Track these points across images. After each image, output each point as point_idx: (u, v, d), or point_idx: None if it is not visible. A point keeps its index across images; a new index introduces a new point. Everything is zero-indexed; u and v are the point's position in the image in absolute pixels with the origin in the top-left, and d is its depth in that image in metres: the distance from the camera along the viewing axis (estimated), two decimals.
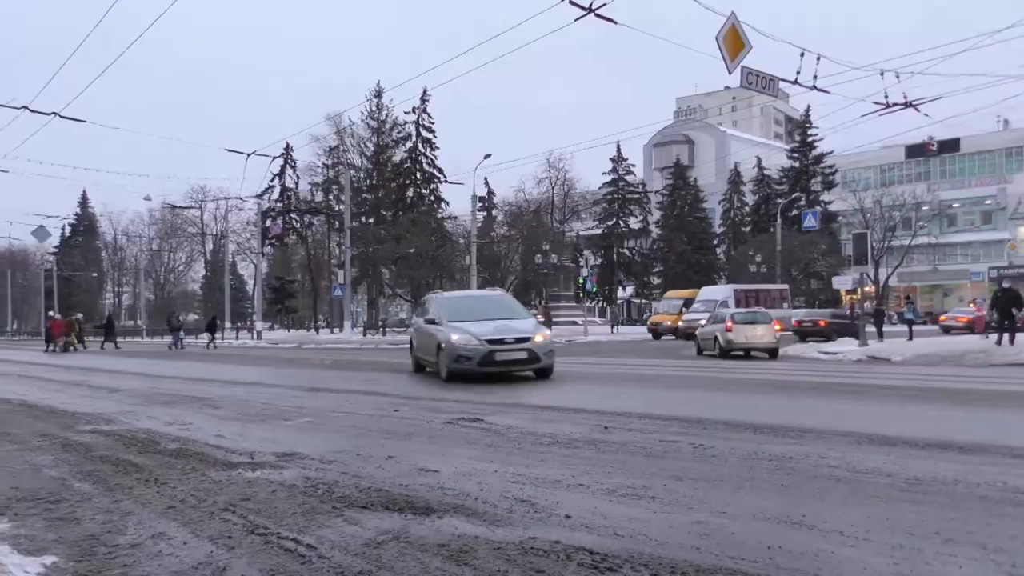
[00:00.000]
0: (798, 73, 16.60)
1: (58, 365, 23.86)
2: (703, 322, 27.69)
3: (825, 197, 62.59)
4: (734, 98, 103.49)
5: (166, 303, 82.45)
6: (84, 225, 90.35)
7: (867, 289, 26.20)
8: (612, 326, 52.80)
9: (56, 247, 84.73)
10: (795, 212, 57.90)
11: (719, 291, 35.30)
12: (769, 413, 8.95)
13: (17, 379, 17.81)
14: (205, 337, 40.31)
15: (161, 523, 4.43)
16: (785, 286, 43.48)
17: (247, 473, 5.77)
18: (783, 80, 16.84)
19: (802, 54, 16.40)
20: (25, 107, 19.91)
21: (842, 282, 38.33)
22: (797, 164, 65.18)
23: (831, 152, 62.22)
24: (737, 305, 33.77)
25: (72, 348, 36.11)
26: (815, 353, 21.98)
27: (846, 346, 22.83)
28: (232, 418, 9.24)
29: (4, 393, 13.63)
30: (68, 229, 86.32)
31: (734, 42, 14.68)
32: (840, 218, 60.74)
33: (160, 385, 14.79)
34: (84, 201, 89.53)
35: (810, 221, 47.95)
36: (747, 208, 72.30)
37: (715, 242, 72.64)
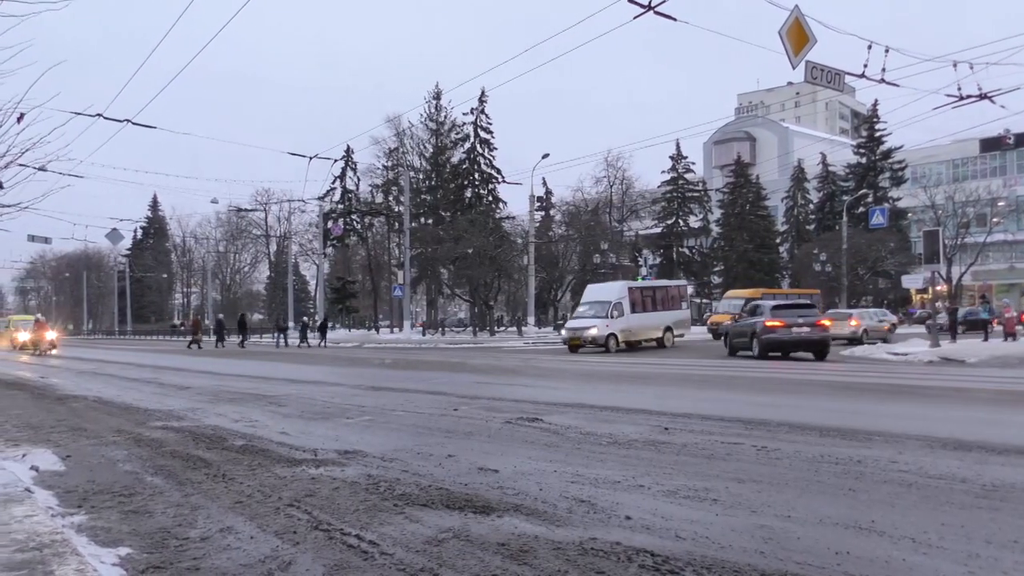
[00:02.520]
0: (865, 66, 16.13)
1: (139, 364, 24.72)
2: (594, 331, 27.00)
3: (894, 193, 60.79)
4: (797, 93, 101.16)
5: (232, 303, 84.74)
6: (155, 228, 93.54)
7: (939, 288, 25.19)
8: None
9: (128, 249, 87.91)
10: (862, 209, 56.39)
11: (610, 290, 30.00)
12: (835, 415, 8.72)
13: (92, 376, 18.52)
14: (315, 337, 41.42)
15: (229, 517, 4.55)
16: (683, 282, 38.38)
17: (310, 470, 5.88)
18: (849, 74, 16.37)
19: (869, 46, 15.93)
20: (100, 115, 20.65)
21: (912, 281, 37.17)
22: (864, 160, 63.41)
23: (900, 147, 60.37)
24: (632, 307, 28.58)
25: (197, 346, 37.53)
26: (884, 354, 21.34)
27: (917, 347, 22.11)
28: (295, 416, 9.43)
29: (81, 390, 14.19)
30: (139, 232, 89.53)
31: (798, 36, 14.33)
32: (910, 215, 58.91)
33: (227, 383, 15.19)
34: (155, 204, 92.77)
35: (878, 218, 46.54)
36: (811, 206, 70.67)
37: (777, 241, 71.16)
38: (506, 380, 14.83)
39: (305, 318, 45.74)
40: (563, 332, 30.75)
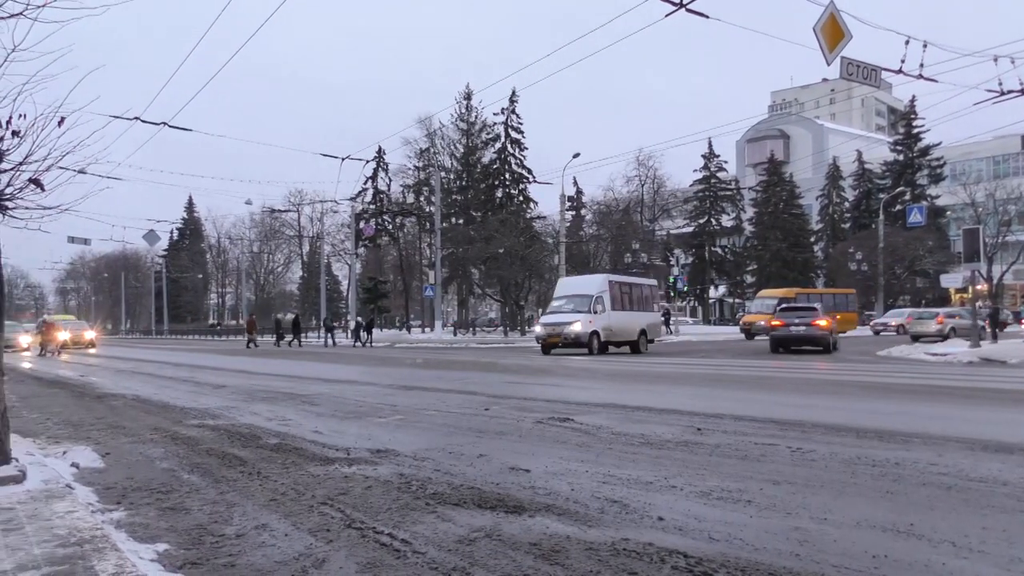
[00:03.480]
0: (902, 62, 15.88)
1: (175, 363, 25.13)
2: (577, 327, 24.59)
3: (932, 191, 59.77)
4: (832, 90, 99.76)
5: (266, 303, 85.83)
6: (190, 229, 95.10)
7: (979, 287, 24.67)
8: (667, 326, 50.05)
9: (165, 250, 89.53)
10: (899, 207, 55.54)
11: (590, 283, 27.22)
12: (872, 416, 8.58)
13: (130, 375, 18.86)
14: (356, 336, 42.01)
15: (264, 515, 4.60)
16: (655, 282, 34.91)
17: (343, 468, 5.93)
18: (886, 70, 16.12)
19: (907, 42, 15.68)
20: (137, 118, 21.05)
21: (951, 280, 36.41)
22: (901, 157, 62.42)
23: (939, 144, 59.31)
24: (612, 303, 26.27)
25: (254, 345, 38.11)
26: (922, 355, 20.98)
27: (957, 347, 21.69)
28: (328, 415, 9.51)
29: (119, 389, 14.46)
30: (176, 233, 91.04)
31: (833, 32, 14.14)
32: (949, 213, 57.88)
33: (261, 382, 15.38)
34: (190, 206, 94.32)
35: (915, 216, 45.79)
36: (846, 204, 69.75)
37: (812, 239, 70.28)
38: (537, 380, 14.82)
39: (360, 318, 46.12)
40: (537, 328, 27.47)
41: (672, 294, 47.29)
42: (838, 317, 31.85)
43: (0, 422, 5.14)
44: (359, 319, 43.99)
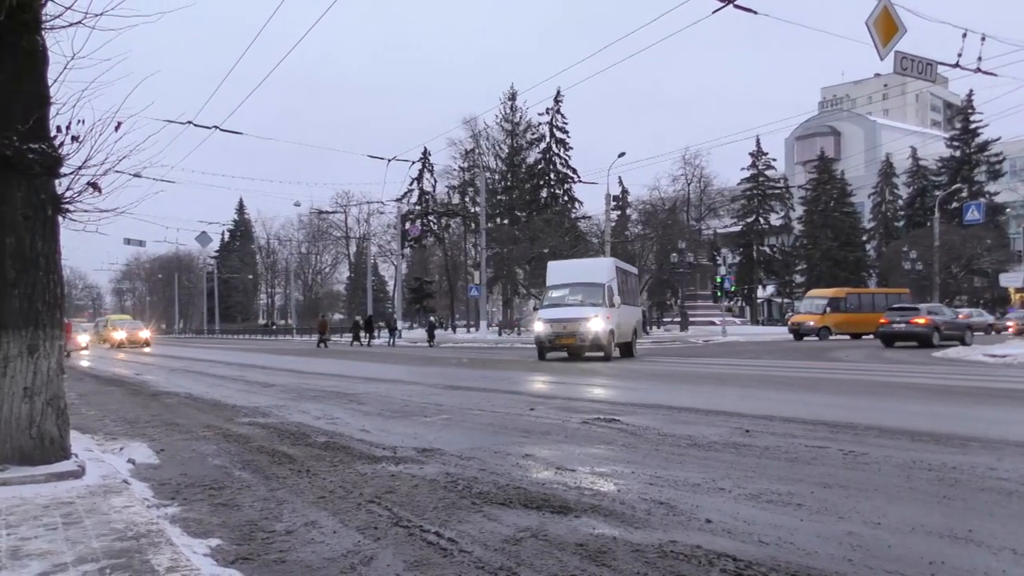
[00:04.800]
0: (959, 55, 15.46)
1: (230, 363, 25.65)
2: (596, 325, 20.22)
3: (990, 188, 58.03)
4: (885, 85, 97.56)
5: (314, 303, 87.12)
6: (241, 230, 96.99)
7: None
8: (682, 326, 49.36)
9: (216, 251, 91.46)
10: (955, 205, 54.03)
11: (597, 268, 22.79)
12: (928, 419, 8.36)
13: (183, 374, 19.30)
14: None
15: (313, 512, 4.66)
16: (635, 270, 31.32)
17: (390, 467, 5.98)
18: (942, 64, 15.71)
19: (964, 35, 15.25)
20: (190, 122, 21.56)
21: (1011, 279, 35.45)
22: (958, 153, 60.72)
23: (998, 139, 57.57)
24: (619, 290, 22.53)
25: (324, 345, 38.76)
26: (980, 356, 20.36)
27: (1016, 348, 21.01)
28: (375, 414, 9.61)
29: (172, 387, 14.81)
30: (227, 234, 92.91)
31: (886, 26, 13.82)
32: (1008, 210, 56.16)
33: (309, 381, 15.60)
34: (241, 208, 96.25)
35: (973, 214, 44.46)
36: (900, 201, 68.11)
37: (864, 238, 68.77)
38: (582, 380, 14.77)
39: (432, 317, 46.61)
40: (537, 326, 21.53)
41: (719, 294, 46.70)
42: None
43: (60, 419, 5.30)
44: (431, 318, 44.47)
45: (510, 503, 4.72)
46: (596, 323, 20.31)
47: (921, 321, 27.10)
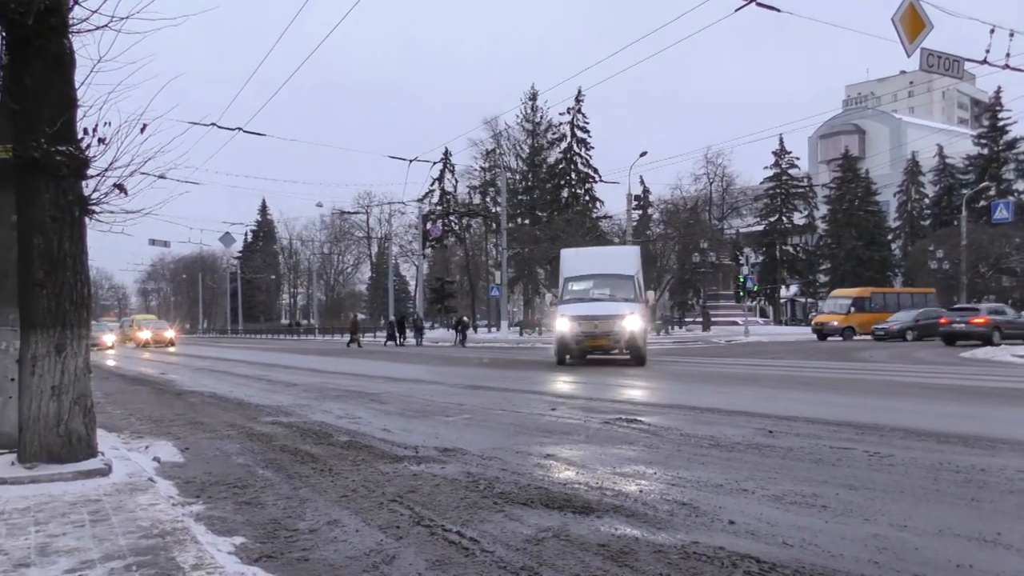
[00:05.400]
0: (987, 52, 15.24)
1: (260, 363, 25.86)
2: (631, 323, 17.33)
3: (1019, 186, 57.10)
4: (911, 83, 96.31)
5: (336, 303, 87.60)
6: (263, 231, 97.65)
7: None
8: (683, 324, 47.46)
9: (239, 252, 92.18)
10: (983, 203, 53.17)
11: (621, 257, 20.59)
12: (955, 420, 8.25)
13: (207, 373, 19.48)
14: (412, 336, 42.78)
15: (335, 511, 4.69)
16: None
17: (412, 466, 6.00)
18: (969, 60, 15.49)
19: (992, 30, 15.03)
20: (214, 123, 21.79)
21: None
22: (985, 151, 59.78)
23: None
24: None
25: (357, 344, 38.89)
26: (1009, 357, 20.06)
27: None
28: (397, 413, 9.64)
29: (197, 386, 14.95)
30: (250, 235, 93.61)
31: (913, 22, 13.66)
32: None
33: (331, 381, 15.69)
34: (263, 208, 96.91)
35: (1001, 212, 43.75)
36: (926, 200, 67.19)
37: (889, 237, 67.95)
38: (603, 380, 14.71)
39: (465, 317, 46.63)
40: (561, 325, 18.03)
41: (741, 294, 46.37)
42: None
43: (87, 417, 5.37)
44: (464, 318, 44.42)
45: (532, 503, 4.72)
46: (632, 322, 17.35)
47: (980, 321, 27.88)
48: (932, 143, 65.91)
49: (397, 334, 42.97)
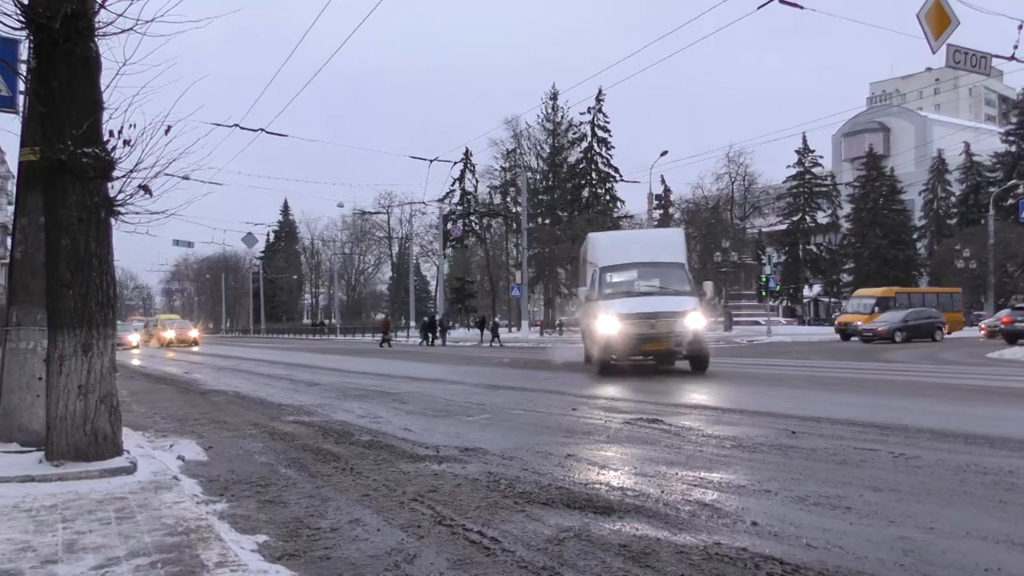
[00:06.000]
0: (1015, 47, 15.04)
1: (287, 363, 26.05)
2: (695, 320, 14.63)
3: None
4: (937, 80, 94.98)
5: (357, 303, 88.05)
6: (285, 231, 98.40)
7: None
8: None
9: (262, 252, 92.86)
10: (1011, 201, 52.40)
11: (665, 241, 18.06)
12: (982, 422, 8.12)
13: (231, 372, 19.65)
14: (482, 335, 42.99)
15: (357, 510, 4.71)
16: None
17: (433, 466, 6.01)
18: (997, 56, 15.29)
19: (1020, 26, 14.82)
20: (237, 125, 22.01)
21: None
22: (1014, 148, 58.95)
23: None
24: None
25: (388, 344, 39.09)
26: None
27: None
28: (418, 413, 9.67)
29: (220, 385, 15.10)
30: (272, 235, 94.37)
31: (939, 18, 13.49)
32: None
33: (353, 380, 15.77)
34: (285, 209, 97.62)
35: None
36: (952, 199, 66.35)
37: (914, 236, 67.15)
38: (623, 380, 14.65)
39: (497, 317, 46.68)
40: (607, 325, 14.72)
41: (764, 293, 46.03)
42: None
43: (113, 416, 5.43)
44: (496, 317, 44.56)
45: (553, 503, 4.71)
46: (695, 319, 14.50)
47: None
48: (958, 141, 65.09)
49: (429, 334, 43.07)
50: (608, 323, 14.75)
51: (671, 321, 14.40)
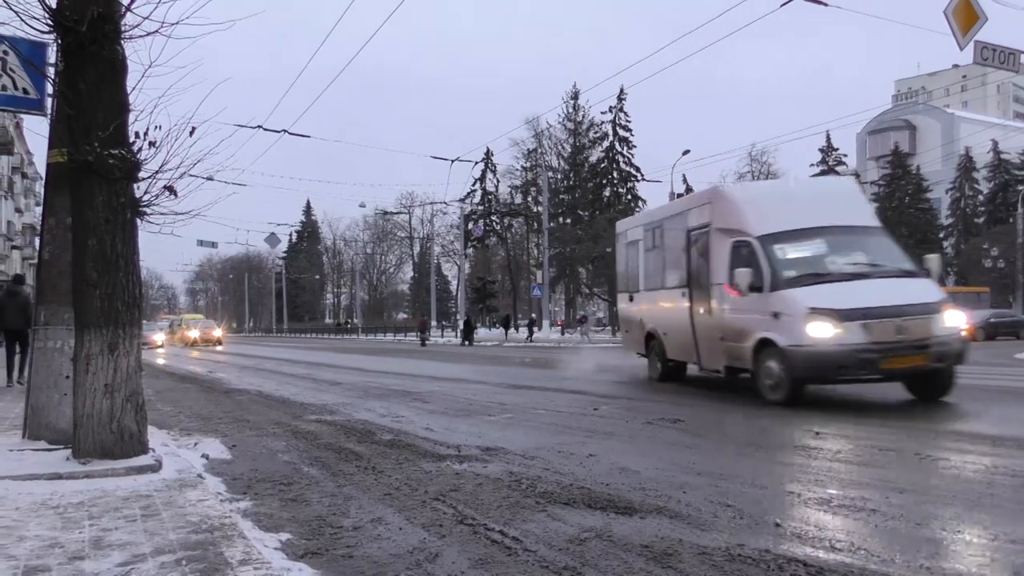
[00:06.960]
0: None
1: (295, 361, 26.22)
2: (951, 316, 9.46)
3: None
4: (964, 77, 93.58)
5: (378, 303, 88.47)
6: (308, 232, 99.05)
7: None
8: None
9: (284, 252, 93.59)
10: None
11: (847, 200, 11.33)
12: (1010, 424, 8.00)
13: (254, 372, 19.81)
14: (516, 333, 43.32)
15: (379, 508, 4.73)
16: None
17: (454, 465, 6.03)
18: None
19: None
20: (260, 126, 22.23)
21: None
22: None
23: None
24: None
25: (424, 343, 39.61)
26: None
27: None
28: (439, 412, 9.69)
29: (244, 384, 15.22)
30: (294, 235, 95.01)
31: (966, 14, 13.28)
32: None
33: (374, 380, 15.84)
34: (308, 209, 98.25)
35: None
36: (980, 197, 65.40)
37: (941, 235, 66.26)
38: (644, 379, 14.59)
39: (533, 315, 46.68)
40: (816, 329, 8.96)
41: None
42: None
43: (138, 414, 5.49)
44: (532, 315, 44.69)
45: (574, 503, 4.70)
46: (955, 317, 9.61)
47: None
48: (986, 138, 64.14)
49: (467, 335, 43.21)
50: (817, 327, 9.06)
51: (926, 322, 9.11)
